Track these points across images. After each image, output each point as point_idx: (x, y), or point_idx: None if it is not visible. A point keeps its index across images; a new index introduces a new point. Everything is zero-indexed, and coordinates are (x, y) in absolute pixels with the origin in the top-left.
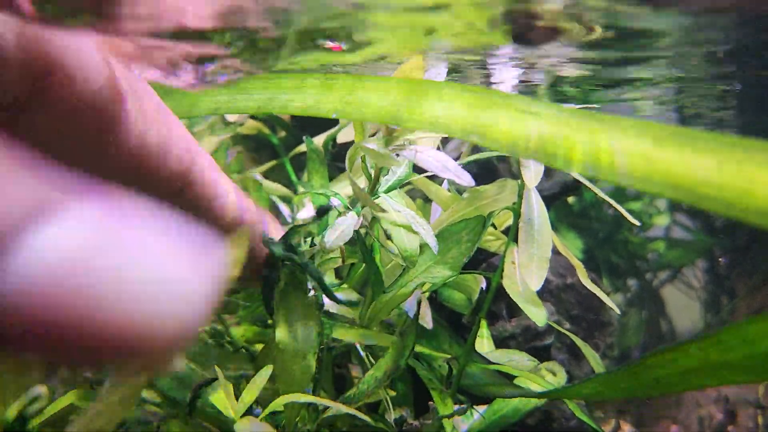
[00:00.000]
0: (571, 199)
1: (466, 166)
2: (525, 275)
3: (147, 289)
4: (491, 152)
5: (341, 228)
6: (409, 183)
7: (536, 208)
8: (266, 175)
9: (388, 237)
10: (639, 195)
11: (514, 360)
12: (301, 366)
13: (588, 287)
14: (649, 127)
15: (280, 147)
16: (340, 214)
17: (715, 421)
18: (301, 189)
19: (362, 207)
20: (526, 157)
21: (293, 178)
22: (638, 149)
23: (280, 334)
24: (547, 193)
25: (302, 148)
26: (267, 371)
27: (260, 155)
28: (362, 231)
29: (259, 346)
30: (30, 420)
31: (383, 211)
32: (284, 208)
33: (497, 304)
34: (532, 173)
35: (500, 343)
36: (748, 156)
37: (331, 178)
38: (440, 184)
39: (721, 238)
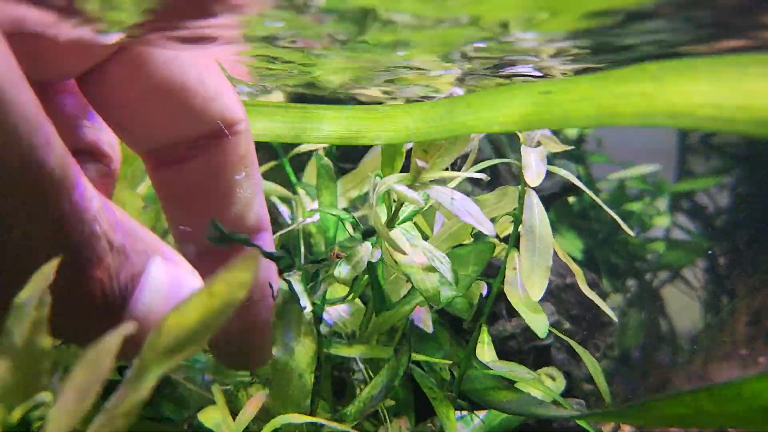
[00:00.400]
0: (571, 199)
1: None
2: (527, 284)
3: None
4: (496, 160)
5: (356, 259)
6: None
7: (538, 215)
8: (265, 175)
9: (408, 279)
10: (639, 196)
11: (515, 372)
12: (298, 384)
13: (586, 293)
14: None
15: (279, 147)
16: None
17: None
18: (300, 190)
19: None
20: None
21: (293, 178)
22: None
23: (277, 352)
24: (547, 193)
25: (302, 148)
26: (261, 396)
27: (259, 156)
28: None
29: None
30: (33, 424)
31: (404, 253)
32: (284, 209)
33: (497, 305)
34: (534, 173)
35: (500, 343)
36: (743, 72)
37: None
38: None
39: (720, 239)
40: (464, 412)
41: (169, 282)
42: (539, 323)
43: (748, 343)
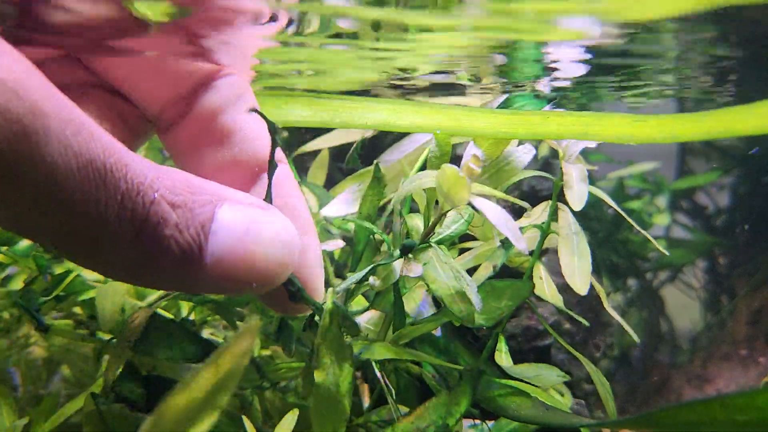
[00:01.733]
0: None
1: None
2: (572, 283)
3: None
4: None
5: (386, 273)
6: None
7: (574, 226)
8: None
9: (441, 301)
10: (639, 194)
11: (542, 374)
12: (337, 410)
13: (608, 310)
14: None
15: (284, 148)
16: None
17: None
18: (305, 189)
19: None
20: None
21: (296, 178)
22: None
23: (320, 377)
24: (547, 194)
25: (305, 148)
26: (293, 418)
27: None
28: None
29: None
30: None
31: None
32: None
33: None
34: (577, 196)
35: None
36: None
37: (334, 182)
38: None
39: (721, 238)
40: (476, 421)
41: (240, 222)
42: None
43: (747, 343)
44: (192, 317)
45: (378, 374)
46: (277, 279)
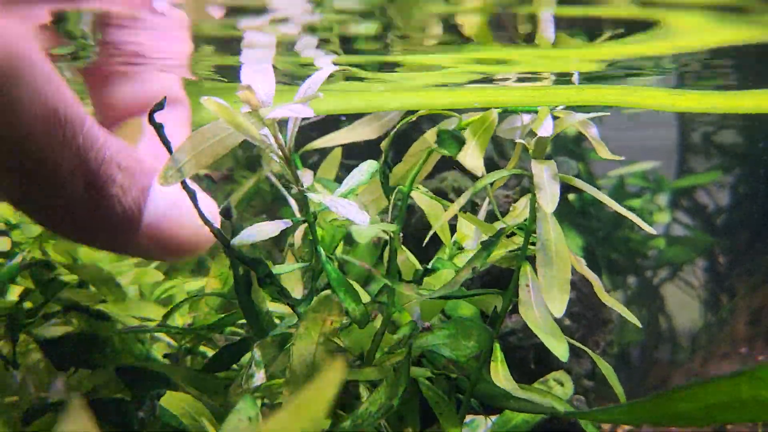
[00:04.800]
0: (571, 197)
1: None
2: (548, 300)
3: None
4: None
5: None
6: None
7: (553, 229)
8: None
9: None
10: (639, 193)
11: (534, 399)
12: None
13: (605, 301)
14: None
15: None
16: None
17: None
18: (317, 185)
19: None
20: None
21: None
22: None
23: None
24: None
25: (312, 146)
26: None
27: None
28: None
29: None
30: None
31: None
32: (294, 204)
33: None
34: (548, 196)
35: (500, 339)
36: None
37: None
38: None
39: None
40: (473, 417)
41: (172, 193)
42: (560, 349)
43: (747, 342)
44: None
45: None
46: (202, 246)
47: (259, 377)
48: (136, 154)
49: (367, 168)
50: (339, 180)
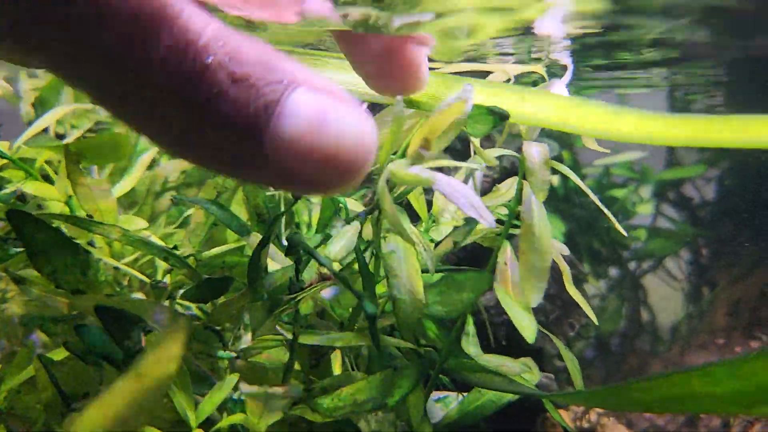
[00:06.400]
0: (555, 183)
1: None
2: (524, 288)
3: (351, 126)
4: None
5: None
6: None
7: (537, 214)
8: None
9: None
10: (624, 183)
11: (507, 366)
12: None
13: (571, 293)
14: None
15: None
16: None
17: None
18: None
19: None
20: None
21: None
22: None
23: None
24: None
25: None
26: (231, 381)
27: None
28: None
29: None
30: None
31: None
32: None
33: None
34: (540, 183)
35: (473, 315)
36: None
37: None
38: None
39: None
40: (443, 393)
41: (313, 111)
42: (529, 329)
43: (726, 333)
44: (167, 280)
45: None
46: (345, 181)
47: (246, 340)
48: (272, 58)
49: None
50: None
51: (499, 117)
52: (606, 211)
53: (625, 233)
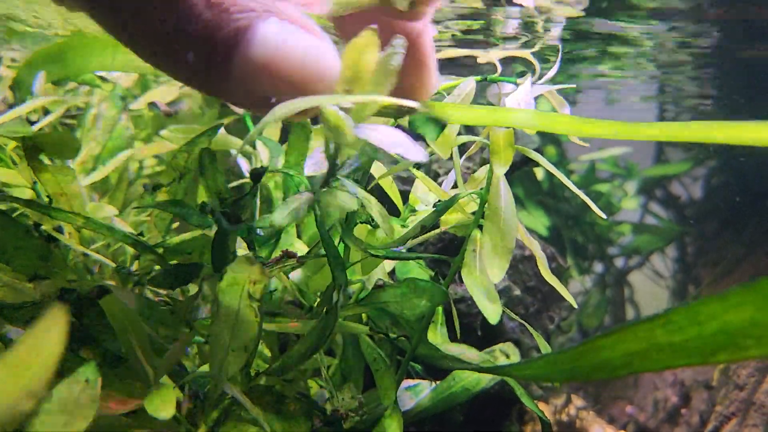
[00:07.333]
0: (540, 176)
1: None
2: (488, 265)
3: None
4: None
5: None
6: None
7: (504, 197)
8: (227, 128)
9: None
10: (609, 178)
11: (465, 354)
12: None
13: (546, 278)
14: None
15: None
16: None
17: (669, 403)
18: (258, 142)
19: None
20: None
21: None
22: None
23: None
24: (517, 159)
25: None
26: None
27: (224, 108)
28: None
29: None
30: None
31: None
32: (243, 163)
33: (449, 267)
34: (501, 160)
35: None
36: None
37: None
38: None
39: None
40: (414, 381)
41: (279, 36)
42: (492, 311)
43: None
44: (134, 268)
45: None
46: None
47: (203, 312)
48: None
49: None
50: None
51: (441, 126)
52: (590, 202)
53: (605, 218)
